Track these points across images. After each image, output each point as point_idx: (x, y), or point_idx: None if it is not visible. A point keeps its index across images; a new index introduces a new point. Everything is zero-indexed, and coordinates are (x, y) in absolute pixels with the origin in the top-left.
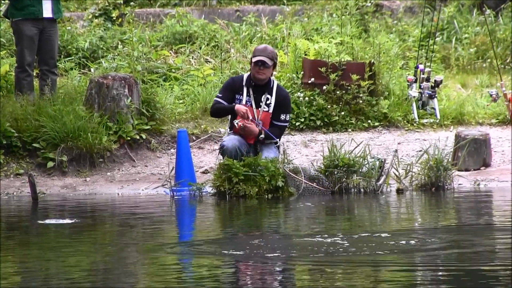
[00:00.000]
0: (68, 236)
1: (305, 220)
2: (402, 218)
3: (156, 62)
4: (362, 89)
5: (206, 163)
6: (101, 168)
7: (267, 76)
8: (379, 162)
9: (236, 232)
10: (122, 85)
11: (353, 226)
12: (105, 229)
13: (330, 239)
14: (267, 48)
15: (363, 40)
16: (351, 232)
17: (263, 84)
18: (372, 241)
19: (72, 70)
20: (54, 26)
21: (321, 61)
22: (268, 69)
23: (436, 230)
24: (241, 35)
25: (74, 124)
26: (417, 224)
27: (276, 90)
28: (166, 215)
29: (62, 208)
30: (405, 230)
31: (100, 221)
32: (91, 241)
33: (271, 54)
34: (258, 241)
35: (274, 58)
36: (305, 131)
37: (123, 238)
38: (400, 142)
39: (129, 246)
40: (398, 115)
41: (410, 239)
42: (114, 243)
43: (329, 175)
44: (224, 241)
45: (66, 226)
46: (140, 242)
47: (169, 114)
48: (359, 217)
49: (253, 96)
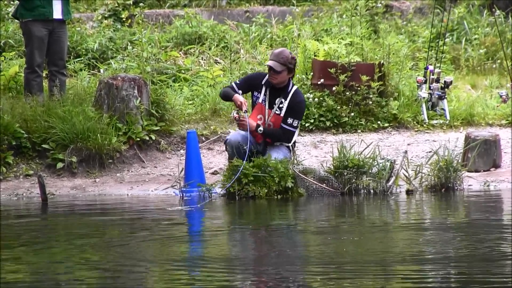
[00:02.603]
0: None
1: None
2: (411, 218)
3: (165, 63)
4: (372, 90)
5: (215, 164)
6: (111, 169)
7: (280, 81)
8: (389, 163)
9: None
10: (132, 86)
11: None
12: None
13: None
14: (281, 53)
15: (373, 41)
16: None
17: (280, 87)
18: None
19: (81, 71)
20: (64, 27)
21: (331, 62)
22: (279, 75)
23: (448, 227)
24: (250, 36)
25: (83, 125)
26: (428, 223)
27: (292, 95)
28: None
29: (71, 209)
30: (414, 226)
31: (111, 223)
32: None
33: (283, 59)
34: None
35: (287, 63)
36: (314, 132)
37: (131, 255)
38: (409, 143)
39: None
40: (407, 116)
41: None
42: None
43: (338, 176)
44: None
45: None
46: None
47: (179, 115)
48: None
49: (269, 96)
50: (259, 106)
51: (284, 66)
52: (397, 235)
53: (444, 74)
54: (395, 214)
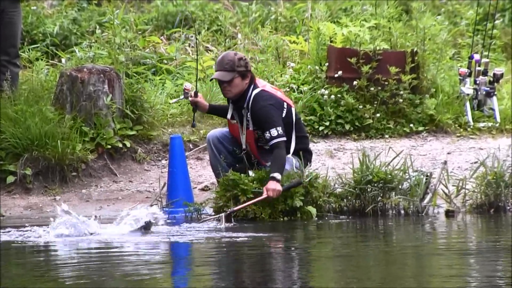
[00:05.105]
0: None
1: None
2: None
3: (143, 51)
4: (403, 84)
5: (206, 178)
6: (75, 184)
7: (236, 92)
8: (424, 177)
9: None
10: (101, 79)
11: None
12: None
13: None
14: (224, 59)
15: (404, 23)
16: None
17: (237, 99)
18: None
19: (38, 61)
20: (17, 7)
21: (351, 50)
22: (231, 85)
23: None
24: (250, 17)
25: (40, 129)
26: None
27: (251, 104)
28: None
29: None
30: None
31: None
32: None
33: (229, 65)
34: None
35: (234, 67)
36: (330, 137)
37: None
38: (450, 151)
39: None
40: (447, 117)
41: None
42: None
43: (360, 192)
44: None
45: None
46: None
47: (160, 116)
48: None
49: (235, 109)
50: (231, 126)
51: (233, 72)
52: (436, 262)
53: (494, 65)
54: (433, 238)
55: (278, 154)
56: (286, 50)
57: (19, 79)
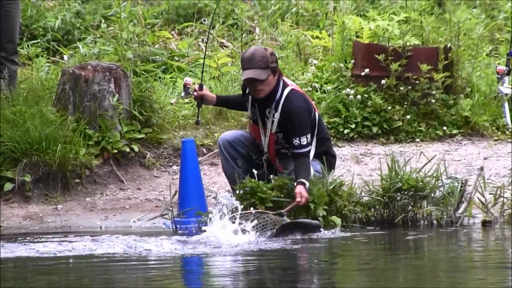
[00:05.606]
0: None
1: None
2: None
3: (152, 47)
4: (435, 84)
5: (220, 185)
6: (78, 192)
7: (268, 90)
8: (459, 185)
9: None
10: (107, 78)
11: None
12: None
13: None
14: (255, 55)
15: (436, 17)
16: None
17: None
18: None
19: (38, 57)
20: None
21: (379, 46)
22: (264, 83)
23: None
24: (269, 10)
25: (40, 132)
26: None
27: (283, 103)
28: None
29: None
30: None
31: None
32: None
33: (262, 61)
34: None
35: (268, 63)
36: (356, 141)
37: None
38: (487, 156)
39: None
40: (484, 119)
41: None
42: None
43: (389, 201)
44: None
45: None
46: None
47: (171, 118)
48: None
49: (258, 109)
50: (252, 127)
51: (268, 70)
52: (471, 277)
53: None
54: (468, 251)
55: (304, 161)
56: (308, 46)
57: (18, 78)
